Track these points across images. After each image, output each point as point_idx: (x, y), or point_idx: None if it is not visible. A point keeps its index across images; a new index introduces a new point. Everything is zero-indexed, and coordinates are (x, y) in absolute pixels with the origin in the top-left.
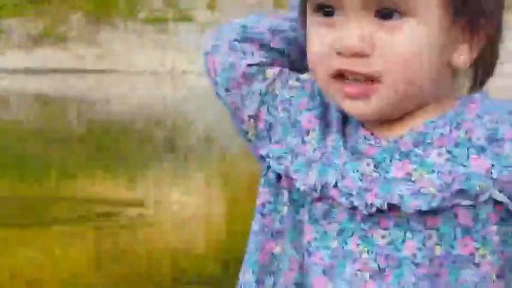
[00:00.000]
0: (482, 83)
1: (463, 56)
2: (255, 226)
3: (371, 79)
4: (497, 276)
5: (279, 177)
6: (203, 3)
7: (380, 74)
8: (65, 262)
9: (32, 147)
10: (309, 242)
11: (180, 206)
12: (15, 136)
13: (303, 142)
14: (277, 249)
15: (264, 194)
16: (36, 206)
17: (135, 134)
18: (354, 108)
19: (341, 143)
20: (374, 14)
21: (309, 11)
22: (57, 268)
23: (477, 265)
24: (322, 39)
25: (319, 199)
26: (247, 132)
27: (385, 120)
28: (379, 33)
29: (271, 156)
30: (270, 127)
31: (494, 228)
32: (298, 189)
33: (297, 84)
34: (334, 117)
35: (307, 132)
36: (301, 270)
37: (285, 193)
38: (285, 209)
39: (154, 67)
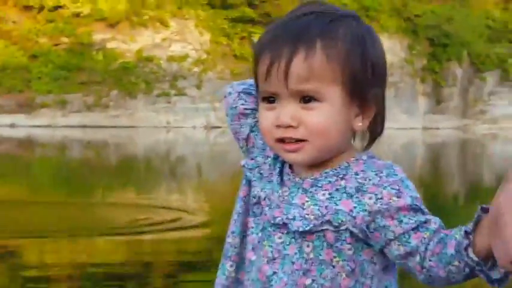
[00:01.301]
0: (374, 140)
1: (360, 124)
2: (239, 209)
3: (300, 141)
4: (346, 275)
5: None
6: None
7: (305, 138)
8: None
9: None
10: (249, 228)
11: None
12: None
13: (264, 163)
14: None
15: (244, 188)
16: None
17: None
18: (290, 157)
19: (278, 172)
20: (299, 100)
21: (259, 100)
22: None
23: (333, 266)
24: (267, 118)
25: (258, 203)
26: (242, 148)
27: (301, 166)
28: (302, 113)
29: (246, 166)
30: (252, 146)
31: (348, 246)
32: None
33: None
34: None
35: (267, 157)
36: (242, 244)
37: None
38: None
39: (162, 124)
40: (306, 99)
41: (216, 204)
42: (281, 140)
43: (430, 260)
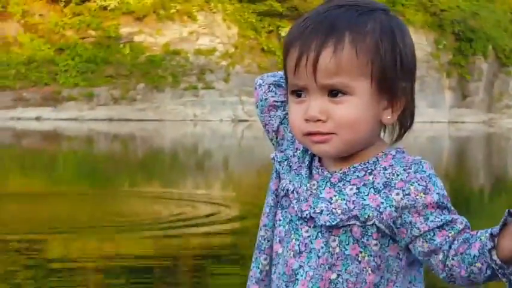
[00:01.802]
0: (403, 133)
1: (389, 117)
2: (271, 202)
3: (329, 133)
4: (372, 271)
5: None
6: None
7: (333, 131)
8: None
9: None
10: (277, 221)
11: None
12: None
13: (293, 155)
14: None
15: (274, 181)
16: None
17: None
18: (318, 149)
19: (307, 165)
20: (327, 94)
21: (288, 93)
22: None
23: (359, 262)
24: (296, 112)
25: (286, 196)
26: (272, 140)
27: (331, 159)
28: (330, 106)
29: (276, 159)
30: (282, 139)
31: (374, 241)
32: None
33: None
34: None
35: (296, 150)
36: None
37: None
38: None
39: (189, 117)
40: (334, 93)
41: (244, 198)
42: (309, 133)
43: (452, 259)
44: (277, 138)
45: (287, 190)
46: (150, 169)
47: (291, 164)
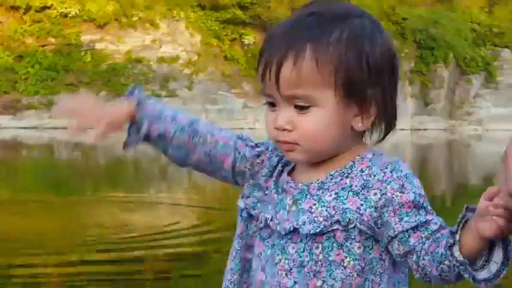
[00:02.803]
0: (383, 136)
1: (360, 124)
2: (237, 246)
3: (294, 143)
4: (357, 274)
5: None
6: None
7: (295, 141)
8: None
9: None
10: (255, 255)
11: None
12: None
13: (266, 188)
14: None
15: (240, 225)
16: None
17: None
18: (288, 156)
19: (274, 179)
20: (294, 106)
21: (266, 103)
22: None
23: (344, 267)
24: (269, 120)
25: (266, 226)
26: (246, 174)
27: (305, 169)
28: (296, 117)
29: (246, 207)
30: (262, 163)
31: (357, 244)
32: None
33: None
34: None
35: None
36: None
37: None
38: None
39: None
40: (299, 106)
41: (210, 203)
42: (278, 141)
43: (423, 259)
44: (258, 164)
45: (266, 219)
46: (113, 177)
47: (264, 200)
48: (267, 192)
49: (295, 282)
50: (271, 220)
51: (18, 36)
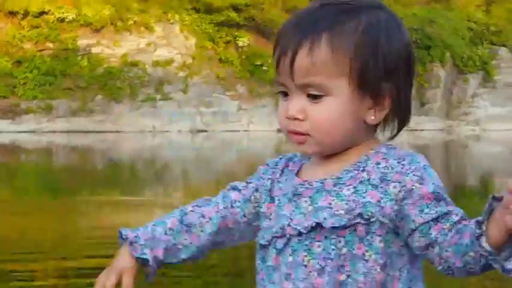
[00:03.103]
0: (397, 131)
1: (373, 117)
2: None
3: (305, 134)
4: (380, 269)
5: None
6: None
7: (307, 132)
8: None
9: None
10: (272, 266)
11: None
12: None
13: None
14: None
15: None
16: None
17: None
18: (298, 149)
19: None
20: (306, 95)
21: (278, 92)
22: None
23: (366, 261)
24: (281, 109)
25: (282, 236)
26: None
27: (315, 165)
28: (309, 107)
29: (272, 236)
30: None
31: (379, 238)
32: None
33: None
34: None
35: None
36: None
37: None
38: None
39: (148, 128)
40: (312, 95)
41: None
42: (290, 131)
43: (447, 251)
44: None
45: (282, 227)
46: (110, 180)
47: (270, 214)
48: (274, 209)
49: (328, 280)
50: (288, 225)
51: (17, 42)
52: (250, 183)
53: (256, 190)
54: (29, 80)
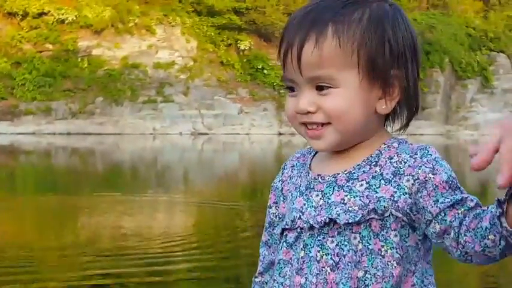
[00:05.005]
0: (408, 121)
1: (384, 106)
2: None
3: (320, 124)
4: (397, 264)
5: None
6: (179, 92)
7: (326, 121)
8: None
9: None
10: (282, 260)
11: None
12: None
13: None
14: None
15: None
16: None
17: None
18: (315, 145)
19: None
20: (315, 88)
21: (286, 88)
22: None
23: (382, 256)
24: (290, 105)
25: (293, 228)
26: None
27: (327, 161)
28: (318, 99)
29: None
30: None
31: (393, 232)
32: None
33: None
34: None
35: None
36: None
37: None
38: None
39: (149, 130)
40: (321, 87)
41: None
42: (304, 124)
43: (465, 235)
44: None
45: (292, 220)
46: (111, 182)
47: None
48: (287, 204)
49: (341, 276)
50: (299, 218)
51: (16, 43)
52: (275, 202)
53: (273, 206)
54: (28, 82)
